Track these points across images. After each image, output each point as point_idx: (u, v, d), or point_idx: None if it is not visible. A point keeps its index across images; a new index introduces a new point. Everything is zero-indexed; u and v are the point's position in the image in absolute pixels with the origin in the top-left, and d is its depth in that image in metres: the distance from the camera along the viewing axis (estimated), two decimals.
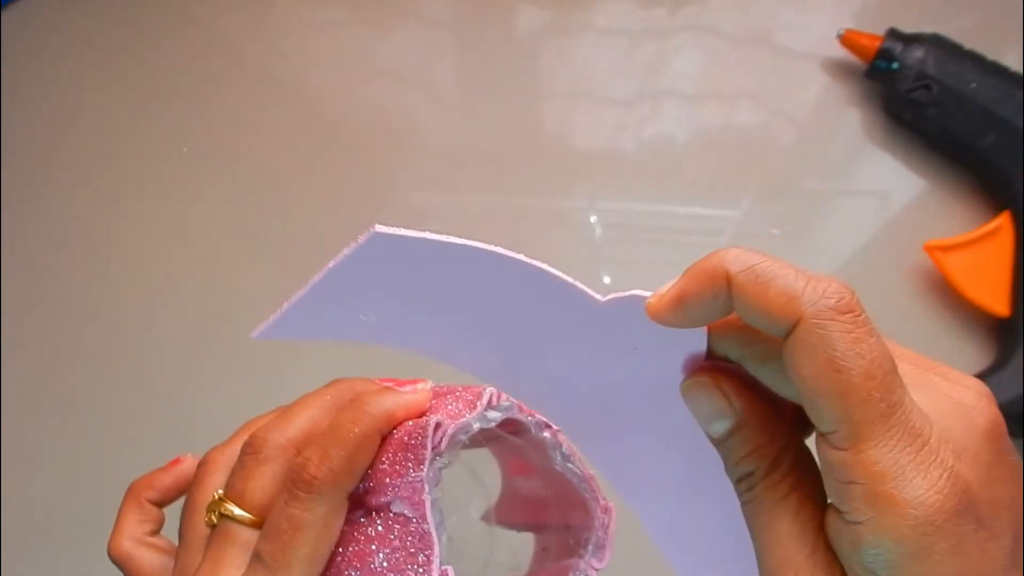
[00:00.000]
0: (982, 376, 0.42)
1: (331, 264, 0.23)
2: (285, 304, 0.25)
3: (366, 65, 0.55)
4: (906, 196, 0.49)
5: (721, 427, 0.20)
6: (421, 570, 0.21)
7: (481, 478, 0.29)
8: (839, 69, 0.52)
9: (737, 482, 0.20)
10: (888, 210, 0.49)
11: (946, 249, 0.45)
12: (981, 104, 0.45)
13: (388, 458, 0.22)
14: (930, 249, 0.44)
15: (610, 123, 0.52)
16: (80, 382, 0.48)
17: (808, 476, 0.19)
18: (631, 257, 0.49)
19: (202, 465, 0.26)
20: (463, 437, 0.23)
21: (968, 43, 0.47)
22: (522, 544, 0.28)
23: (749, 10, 0.54)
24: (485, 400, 0.24)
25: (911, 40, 0.47)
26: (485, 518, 0.29)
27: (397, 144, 0.52)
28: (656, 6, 0.55)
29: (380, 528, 0.22)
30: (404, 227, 0.20)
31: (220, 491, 0.24)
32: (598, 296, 0.20)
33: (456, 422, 0.23)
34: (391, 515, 0.22)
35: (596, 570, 0.26)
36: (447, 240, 0.20)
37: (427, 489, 0.22)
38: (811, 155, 0.51)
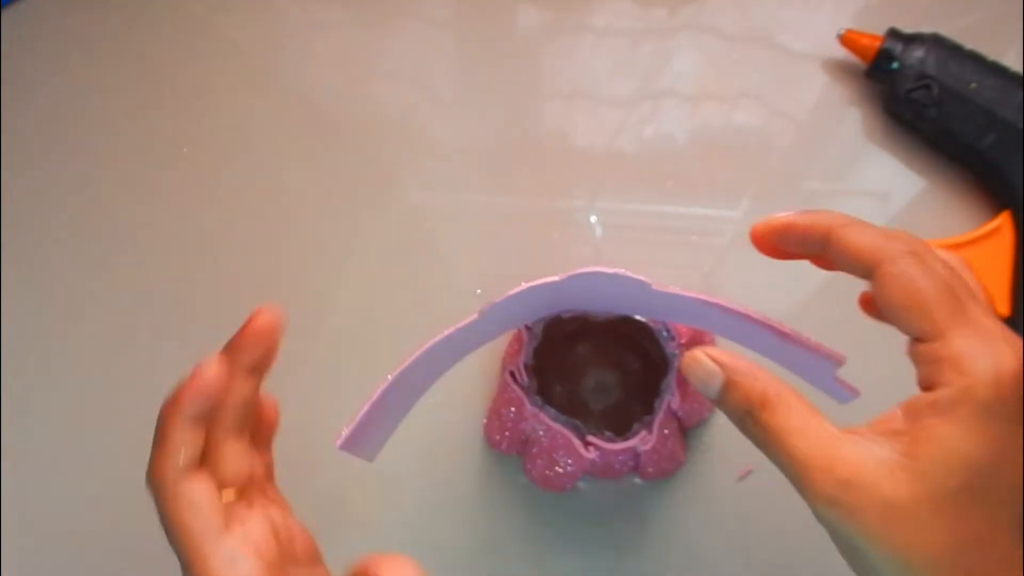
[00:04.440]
0: None
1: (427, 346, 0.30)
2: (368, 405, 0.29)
3: (366, 65, 0.55)
4: (906, 196, 0.49)
5: (716, 384, 0.26)
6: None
7: None
8: (839, 69, 0.52)
9: (745, 423, 0.25)
10: (888, 210, 0.49)
11: (946, 249, 0.45)
12: (981, 104, 0.45)
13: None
14: None
15: (610, 123, 0.52)
16: (80, 382, 0.48)
17: (800, 399, 0.25)
18: (631, 257, 0.49)
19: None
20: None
21: (968, 43, 0.47)
22: None
23: (749, 10, 0.54)
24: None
25: (911, 40, 0.47)
26: None
27: (397, 144, 0.53)
28: (656, 6, 0.55)
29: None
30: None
31: None
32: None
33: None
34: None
35: None
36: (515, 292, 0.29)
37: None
38: (811, 155, 0.51)
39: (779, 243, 0.28)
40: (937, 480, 0.22)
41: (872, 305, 0.26)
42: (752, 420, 0.25)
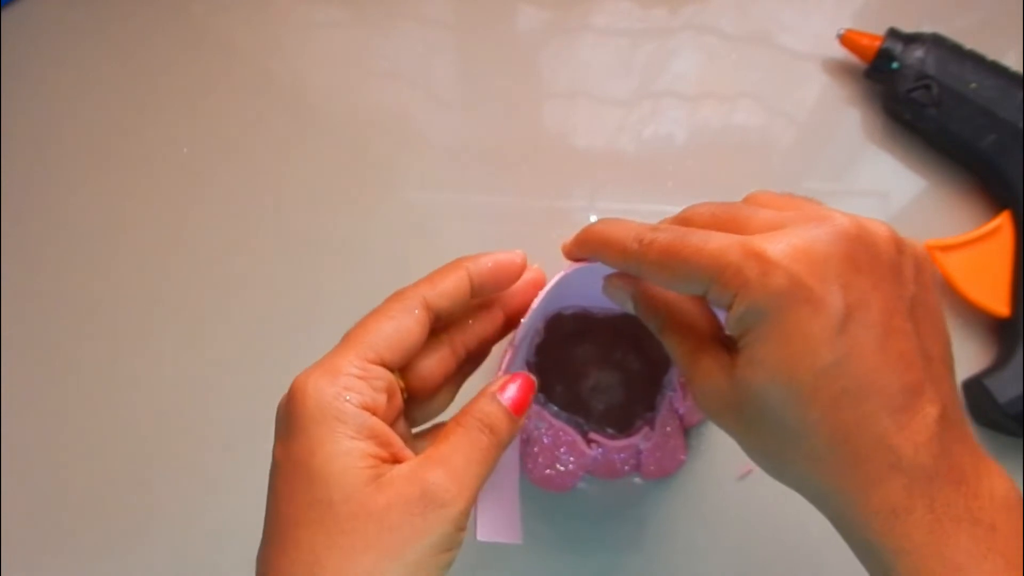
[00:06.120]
0: (982, 376, 0.42)
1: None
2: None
3: (366, 65, 0.55)
4: (906, 196, 0.49)
5: (630, 304, 0.30)
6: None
7: None
8: (839, 69, 0.52)
9: (656, 332, 0.29)
10: (888, 210, 0.49)
11: (946, 249, 0.45)
12: (981, 104, 0.45)
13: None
14: (930, 249, 0.44)
15: (610, 123, 0.52)
16: (80, 381, 0.48)
17: (689, 314, 0.28)
18: None
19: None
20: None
21: (968, 43, 0.47)
22: None
23: (749, 10, 0.54)
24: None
25: (911, 40, 0.47)
26: None
27: (396, 144, 0.53)
28: (656, 6, 0.55)
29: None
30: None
31: None
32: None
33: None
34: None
35: None
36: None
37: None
38: (811, 155, 0.51)
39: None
40: (748, 385, 0.24)
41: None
42: (658, 331, 0.29)
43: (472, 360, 0.32)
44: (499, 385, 0.28)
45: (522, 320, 0.31)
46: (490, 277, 0.29)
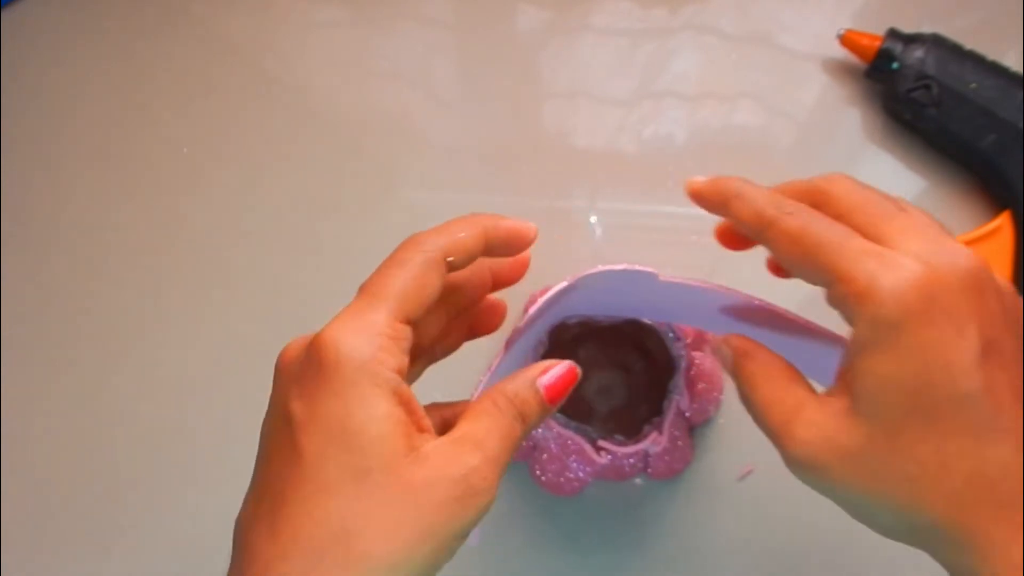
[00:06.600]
0: None
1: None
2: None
3: (366, 65, 0.55)
4: (906, 196, 0.48)
5: (729, 363, 0.28)
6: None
7: None
8: (839, 69, 0.52)
9: (743, 388, 0.27)
10: None
11: None
12: (981, 104, 0.45)
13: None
14: None
15: (610, 123, 0.52)
16: (80, 381, 0.48)
17: (779, 369, 0.27)
18: (631, 257, 0.48)
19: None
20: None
21: (968, 43, 0.47)
22: None
23: (749, 10, 0.54)
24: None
25: (911, 40, 0.47)
26: None
27: (397, 144, 0.52)
28: (656, 6, 0.55)
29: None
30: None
31: None
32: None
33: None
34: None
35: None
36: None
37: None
38: (811, 155, 0.51)
39: (704, 208, 0.29)
40: (880, 414, 0.23)
41: (778, 267, 0.28)
42: (744, 400, 0.27)
43: (454, 331, 0.30)
44: (540, 370, 0.26)
45: (517, 325, 0.31)
46: (502, 242, 0.28)
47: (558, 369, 0.26)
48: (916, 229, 0.24)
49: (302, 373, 0.24)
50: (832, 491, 0.24)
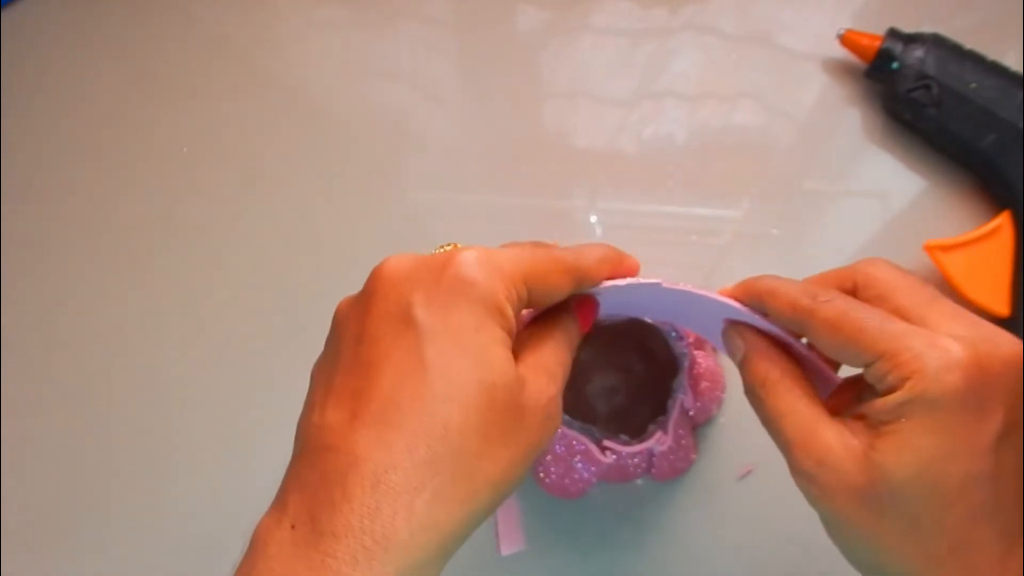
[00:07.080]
0: None
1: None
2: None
3: (366, 65, 0.55)
4: (906, 196, 0.49)
5: (739, 357, 0.29)
6: None
7: None
8: (839, 69, 0.52)
9: (750, 398, 0.28)
10: (888, 210, 0.49)
11: (946, 249, 0.45)
12: (981, 104, 0.45)
13: None
14: (930, 249, 0.44)
15: (610, 123, 0.52)
16: (80, 381, 0.48)
17: (797, 382, 0.27)
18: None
19: None
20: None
21: (968, 43, 0.47)
22: None
23: (749, 10, 0.54)
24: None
25: (911, 40, 0.47)
26: None
27: (396, 144, 0.53)
28: (656, 6, 0.55)
29: None
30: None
31: None
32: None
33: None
34: None
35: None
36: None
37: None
38: (811, 155, 0.51)
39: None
40: (896, 474, 0.24)
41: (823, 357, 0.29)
42: (754, 396, 0.28)
43: None
44: (575, 302, 0.28)
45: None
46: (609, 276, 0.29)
47: (587, 304, 0.29)
48: (957, 314, 0.25)
49: (433, 282, 0.24)
50: (825, 511, 0.25)
